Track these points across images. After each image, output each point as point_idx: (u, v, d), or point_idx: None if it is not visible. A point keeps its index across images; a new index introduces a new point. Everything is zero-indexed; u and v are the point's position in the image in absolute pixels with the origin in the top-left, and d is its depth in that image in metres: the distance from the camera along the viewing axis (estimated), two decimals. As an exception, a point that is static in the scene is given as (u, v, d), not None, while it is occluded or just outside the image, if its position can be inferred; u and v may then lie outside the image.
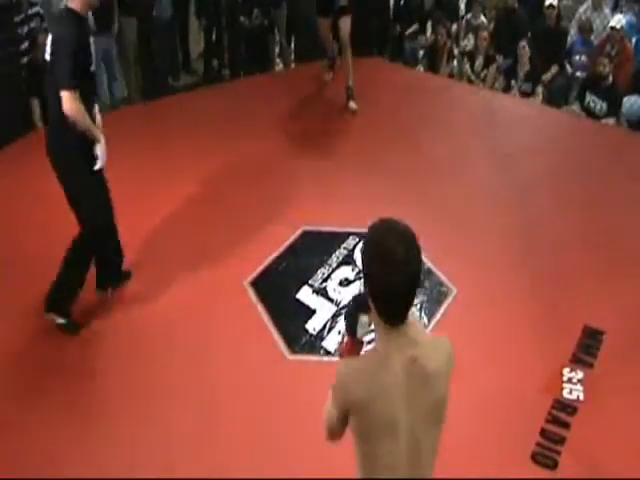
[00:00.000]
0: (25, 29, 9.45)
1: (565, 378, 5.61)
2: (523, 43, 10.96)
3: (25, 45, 9.42)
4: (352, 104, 9.22)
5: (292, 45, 12.10)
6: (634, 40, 11.27)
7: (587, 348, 5.90)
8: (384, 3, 12.28)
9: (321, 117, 9.17)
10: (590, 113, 10.19)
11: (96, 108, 5.81)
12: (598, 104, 10.15)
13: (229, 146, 8.24)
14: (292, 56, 12.07)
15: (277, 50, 12.05)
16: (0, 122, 8.70)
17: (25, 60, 9.36)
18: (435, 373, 3.03)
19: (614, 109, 10.13)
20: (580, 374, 5.63)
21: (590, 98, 10.23)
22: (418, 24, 12.03)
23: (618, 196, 7.76)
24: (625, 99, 10.23)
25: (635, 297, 6.40)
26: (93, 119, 5.62)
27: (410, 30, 12.03)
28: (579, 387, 5.52)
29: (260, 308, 6.24)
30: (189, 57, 12.22)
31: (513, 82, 10.99)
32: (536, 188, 7.90)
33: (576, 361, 5.76)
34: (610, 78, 10.18)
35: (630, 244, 7.05)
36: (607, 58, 10.28)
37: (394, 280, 2.87)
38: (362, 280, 5.79)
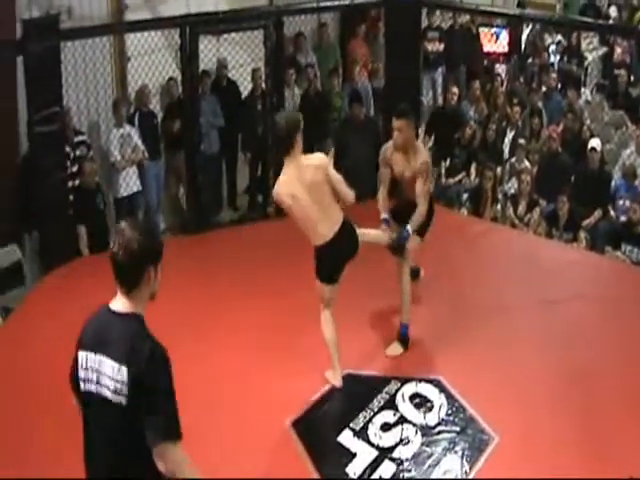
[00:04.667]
0: (72, 155, 9.65)
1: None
2: (563, 197, 10.92)
3: (73, 170, 9.61)
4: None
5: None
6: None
7: (635, 499, 5.77)
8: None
9: (360, 259, 9.13)
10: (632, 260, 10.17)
11: None
12: (634, 252, 10.11)
13: (272, 288, 8.25)
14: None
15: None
16: (49, 248, 8.82)
17: (72, 184, 9.54)
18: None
19: None
20: (630, 526, 5.51)
21: (625, 247, 10.20)
22: (463, 170, 12.10)
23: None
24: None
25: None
26: None
27: (457, 178, 12.08)
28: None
29: (301, 450, 6.18)
30: (236, 192, 12.08)
31: (554, 230, 10.98)
32: (581, 335, 7.82)
33: (624, 513, 5.65)
34: None
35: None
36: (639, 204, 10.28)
37: None
38: None
